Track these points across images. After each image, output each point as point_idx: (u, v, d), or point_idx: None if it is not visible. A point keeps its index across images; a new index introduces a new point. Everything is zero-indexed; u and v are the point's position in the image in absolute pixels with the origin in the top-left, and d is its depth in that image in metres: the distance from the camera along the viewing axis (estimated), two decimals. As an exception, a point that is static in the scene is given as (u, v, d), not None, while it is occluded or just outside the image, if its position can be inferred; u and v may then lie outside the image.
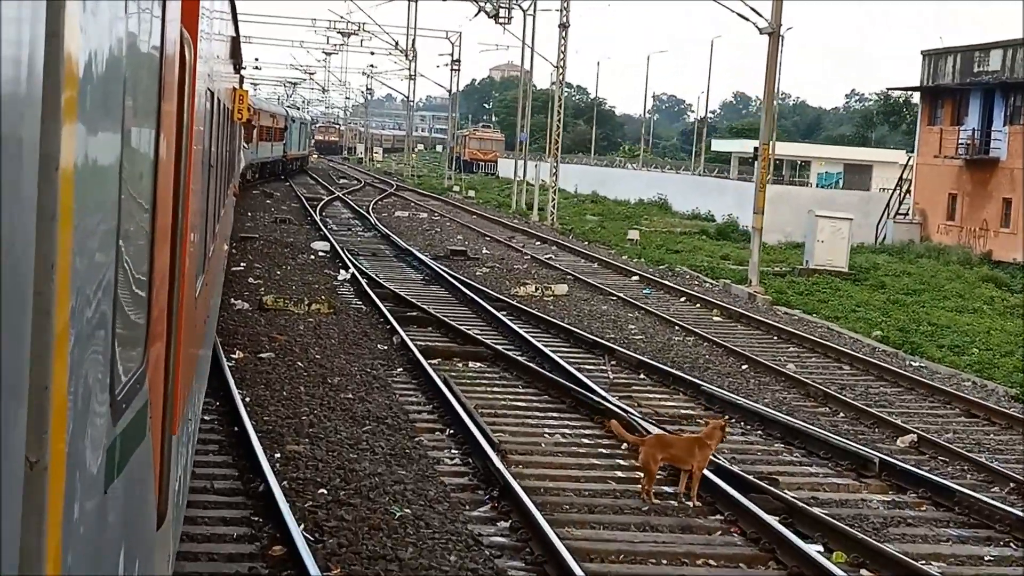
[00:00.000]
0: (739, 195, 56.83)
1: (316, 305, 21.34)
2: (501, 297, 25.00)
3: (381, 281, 26.40)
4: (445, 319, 21.41)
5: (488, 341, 19.55)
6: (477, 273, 30.26)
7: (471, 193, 68.68)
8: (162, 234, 4.31)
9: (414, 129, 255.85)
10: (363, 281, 25.80)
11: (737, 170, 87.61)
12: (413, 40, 74.09)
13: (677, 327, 23.08)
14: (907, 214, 52.05)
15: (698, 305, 27.16)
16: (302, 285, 25.22)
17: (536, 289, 26.47)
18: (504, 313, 22.86)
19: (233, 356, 16.78)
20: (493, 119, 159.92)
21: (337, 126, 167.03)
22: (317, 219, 43.54)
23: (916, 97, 63.58)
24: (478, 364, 18.05)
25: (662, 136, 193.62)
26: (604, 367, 18.19)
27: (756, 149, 32.33)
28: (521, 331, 20.57)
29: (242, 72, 23.29)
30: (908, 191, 52.92)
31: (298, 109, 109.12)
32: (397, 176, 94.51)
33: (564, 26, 51.68)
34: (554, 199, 52.19)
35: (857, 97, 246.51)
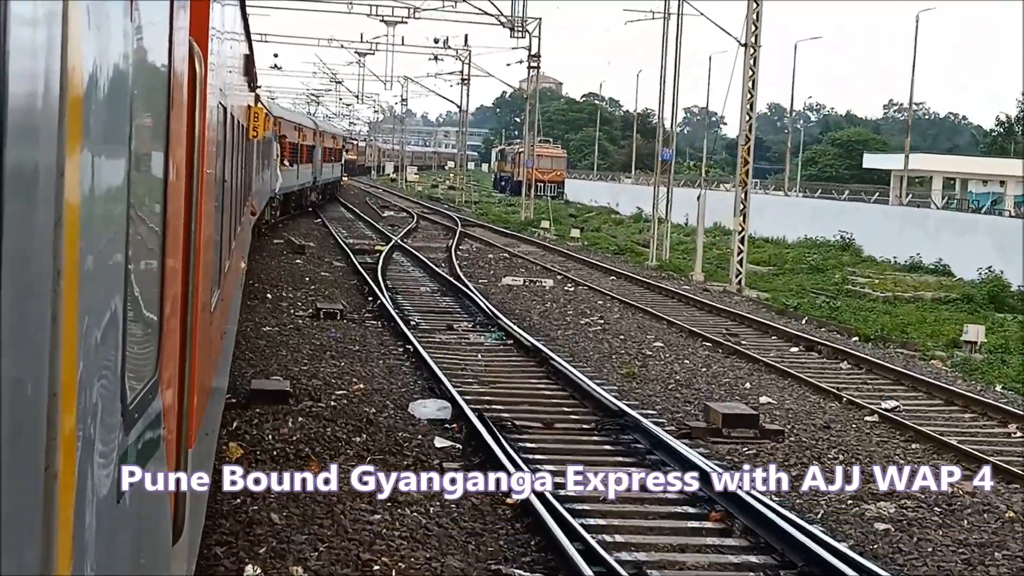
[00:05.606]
0: (999, 236, 38.04)
1: None
2: None
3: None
4: None
5: None
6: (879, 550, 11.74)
7: (574, 233, 49.19)
8: (173, 245, 4.13)
9: (439, 146, 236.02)
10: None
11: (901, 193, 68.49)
12: (522, 10, 54.73)
13: None
14: None
15: None
16: None
17: None
18: None
19: None
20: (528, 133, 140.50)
21: (355, 142, 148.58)
22: (387, 303, 24.91)
23: None
24: None
25: (700, 150, 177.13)
26: None
27: None
28: None
29: (257, 91, 20.26)
30: None
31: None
32: (447, 203, 76.07)
33: (759, -20, 33.23)
34: (740, 251, 33.60)
35: (896, 107, 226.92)
